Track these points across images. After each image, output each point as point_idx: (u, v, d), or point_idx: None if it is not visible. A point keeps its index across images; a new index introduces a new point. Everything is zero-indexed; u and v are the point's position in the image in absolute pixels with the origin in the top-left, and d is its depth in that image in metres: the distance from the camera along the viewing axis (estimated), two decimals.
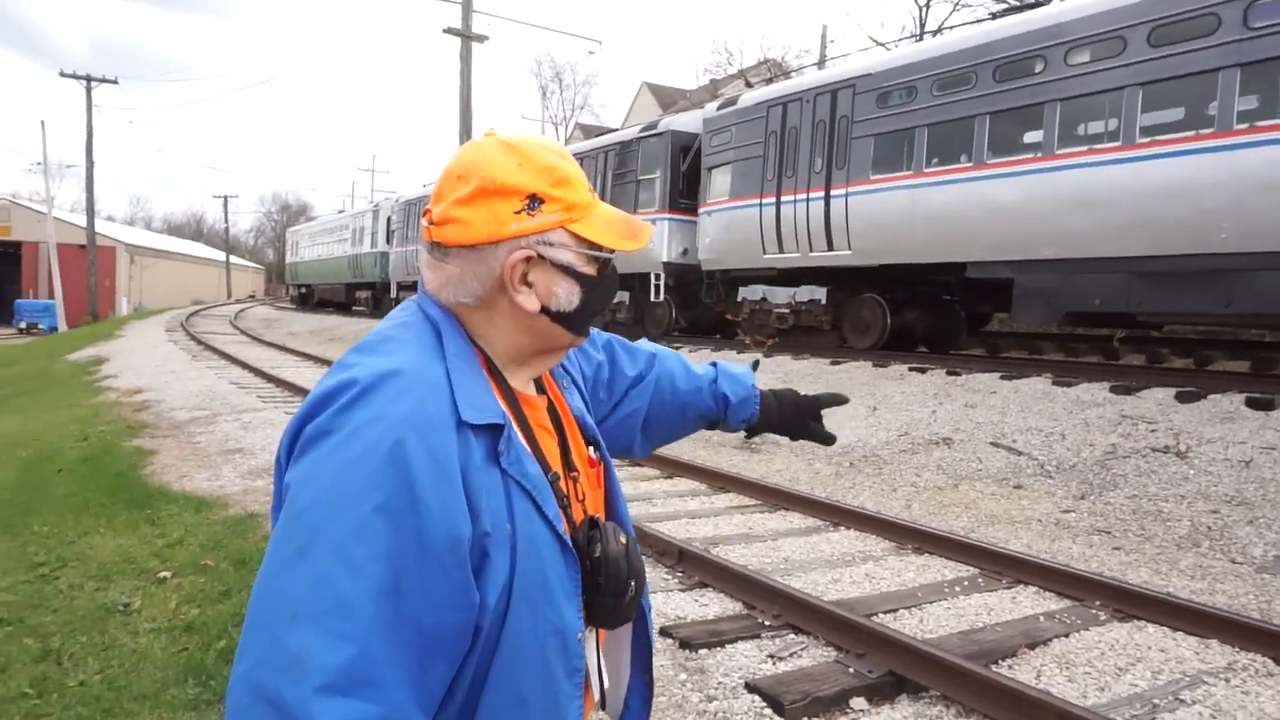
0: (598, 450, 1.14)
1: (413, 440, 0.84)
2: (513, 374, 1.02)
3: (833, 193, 11.30)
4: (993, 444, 7.22)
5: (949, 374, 9.17)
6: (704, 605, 4.01)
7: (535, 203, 0.95)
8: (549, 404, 1.08)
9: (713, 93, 28.74)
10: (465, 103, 19.27)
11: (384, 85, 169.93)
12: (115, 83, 35.50)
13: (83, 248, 38.21)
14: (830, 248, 11.41)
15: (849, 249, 11.12)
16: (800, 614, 3.71)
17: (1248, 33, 7.18)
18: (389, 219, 28.36)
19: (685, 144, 14.41)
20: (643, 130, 15.44)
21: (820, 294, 12.18)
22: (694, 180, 14.17)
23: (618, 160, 15.71)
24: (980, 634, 3.66)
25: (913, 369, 9.63)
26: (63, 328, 35.92)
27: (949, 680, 3.05)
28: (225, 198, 67.41)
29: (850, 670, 3.22)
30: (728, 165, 13.20)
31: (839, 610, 3.62)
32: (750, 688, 3.12)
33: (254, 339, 23.81)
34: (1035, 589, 4.29)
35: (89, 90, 34.71)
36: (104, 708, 3.00)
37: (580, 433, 1.12)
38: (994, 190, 9.28)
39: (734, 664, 3.35)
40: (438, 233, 0.97)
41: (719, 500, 6.23)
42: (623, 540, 1.01)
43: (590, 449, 1.13)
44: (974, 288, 10.74)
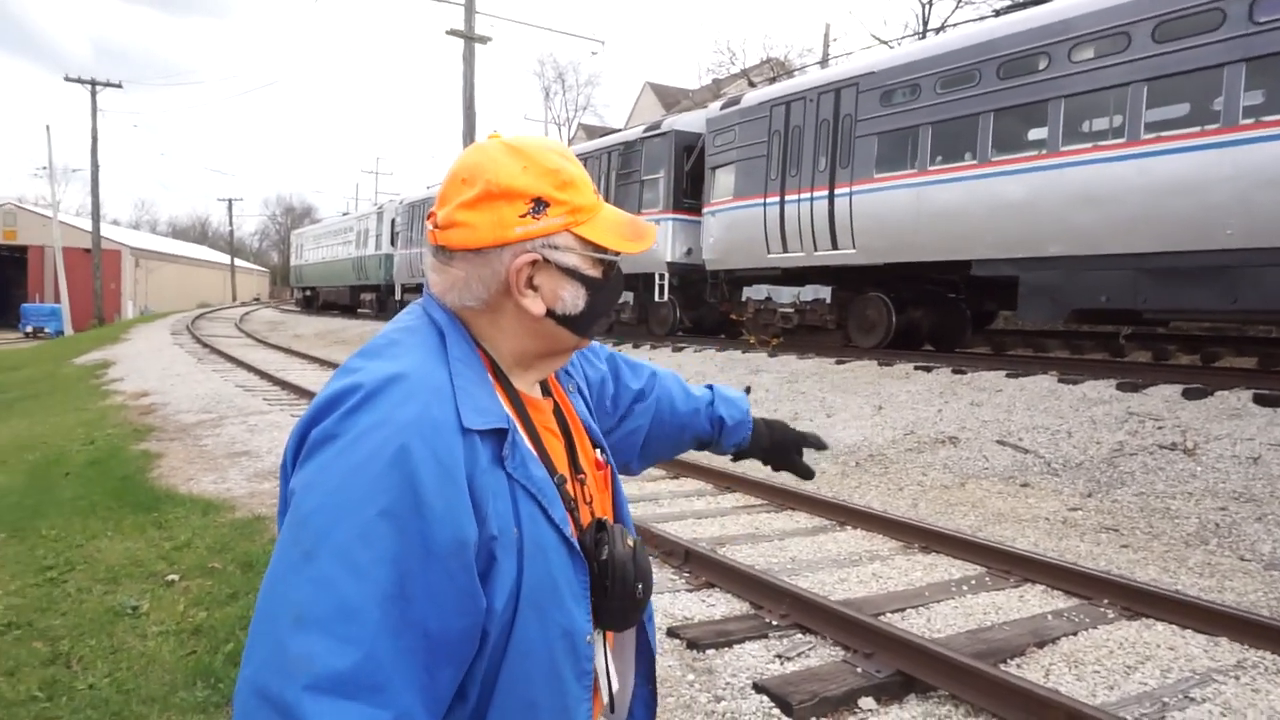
0: (604, 453, 1.14)
1: (417, 445, 0.84)
2: (518, 377, 1.02)
3: (837, 192, 11.29)
4: (999, 442, 7.20)
5: (954, 372, 9.15)
6: (711, 605, 4.01)
7: (540, 206, 0.95)
8: (555, 407, 1.08)
9: (716, 92, 28.73)
10: (468, 104, 19.31)
11: (387, 87, 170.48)
12: (119, 87, 35.68)
13: (88, 251, 38.36)
14: (835, 247, 11.39)
15: (853, 248, 11.11)
16: (808, 614, 3.70)
17: (1253, 27, 7.15)
18: (393, 221, 28.38)
19: (689, 144, 14.41)
20: (646, 130, 15.43)
21: (825, 293, 12.17)
22: (698, 180, 14.15)
23: (621, 161, 15.71)
24: (988, 633, 3.65)
25: (918, 368, 9.61)
26: (69, 331, 36.08)
27: (957, 679, 3.04)
28: (230, 201, 67.91)
29: (858, 670, 3.22)
30: (731, 165, 13.19)
31: (846, 610, 3.61)
32: (758, 688, 3.12)
33: (259, 342, 23.87)
34: (1043, 587, 4.28)
35: (93, 94, 34.86)
36: (113, 710, 3.01)
37: (586, 435, 1.12)
38: (999, 188, 9.25)
39: (742, 664, 3.35)
40: (443, 236, 0.97)
41: (725, 500, 6.22)
42: (630, 542, 1.01)
43: (597, 451, 1.12)
44: (979, 286, 10.72)
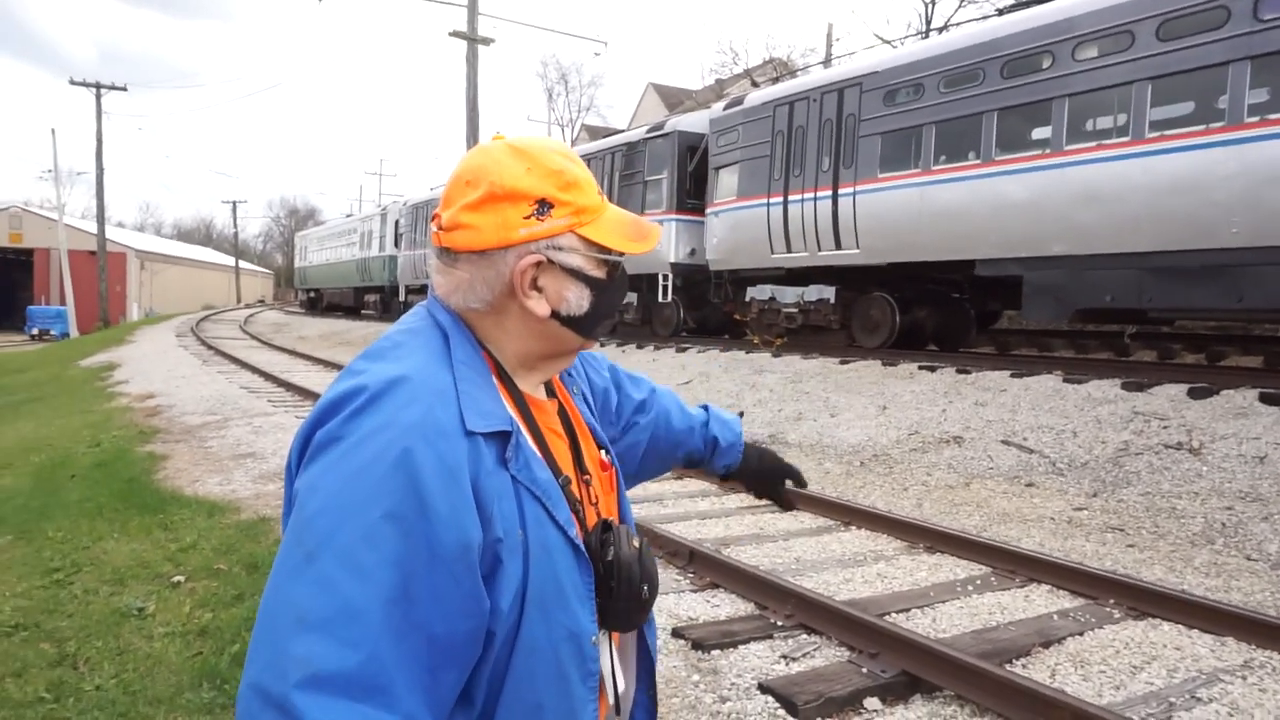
0: (609, 454, 1.14)
1: (421, 447, 0.84)
2: (522, 378, 1.02)
3: (840, 191, 11.27)
4: (1004, 442, 7.19)
5: (959, 372, 9.13)
6: (716, 606, 4.01)
7: (544, 207, 0.95)
8: (559, 408, 1.08)
9: (718, 93, 28.73)
10: (472, 105, 19.34)
11: (391, 89, 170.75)
12: (124, 90, 35.78)
13: (93, 254, 38.48)
14: (838, 247, 11.38)
15: (857, 248, 11.09)
16: (813, 614, 3.70)
17: (1258, 25, 7.12)
18: (397, 222, 28.42)
19: (692, 144, 14.40)
20: (649, 131, 15.43)
21: (829, 293, 12.15)
22: (701, 180, 14.15)
23: (624, 161, 15.71)
24: (994, 633, 3.65)
25: (922, 367, 9.60)
26: (74, 334, 36.19)
27: (963, 680, 3.04)
28: (234, 203, 68.18)
29: (864, 670, 3.21)
30: (735, 165, 13.18)
31: (851, 610, 3.61)
32: (763, 688, 3.11)
33: (264, 343, 23.92)
34: (1048, 587, 4.27)
35: (98, 97, 34.97)
36: (120, 711, 3.02)
37: (591, 436, 1.12)
38: (1003, 187, 9.23)
39: (747, 665, 3.35)
40: (447, 238, 0.97)
41: (729, 500, 6.22)
42: (636, 543, 1.01)
43: (602, 453, 1.13)
44: (983, 285, 10.69)
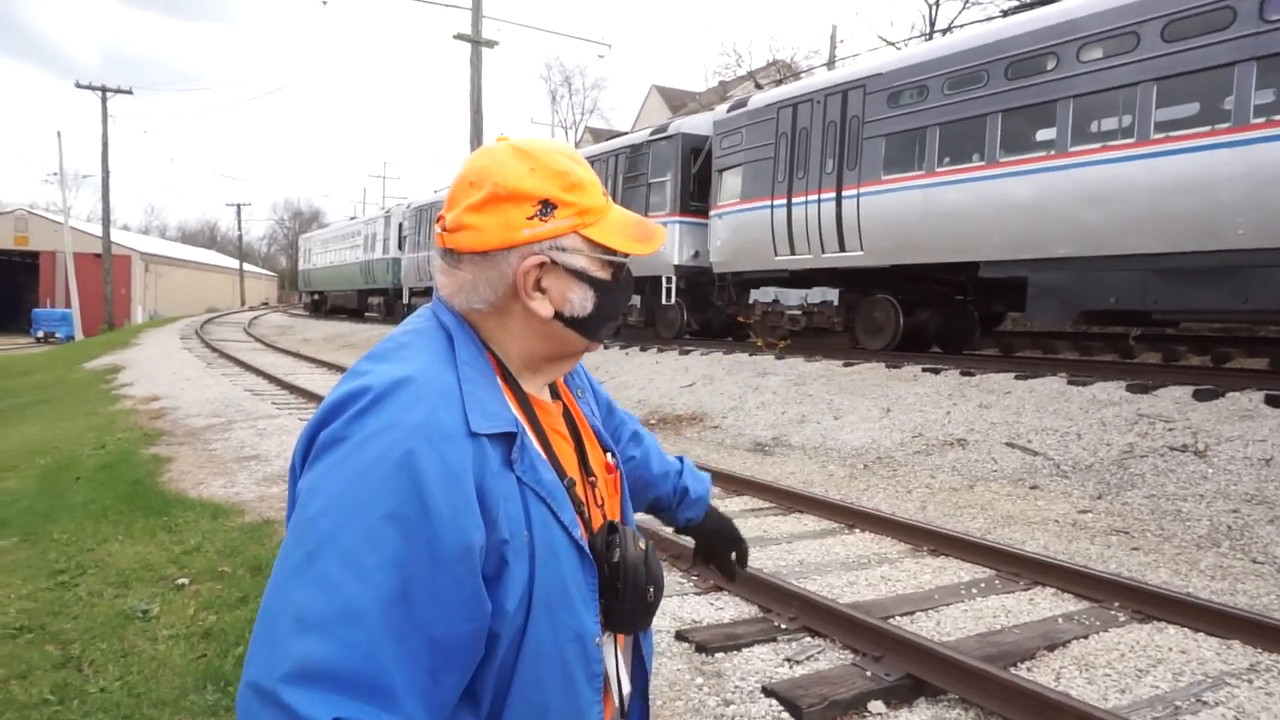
0: (614, 457, 1.14)
1: (425, 448, 0.84)
2: (527, 380, 1.02)
3: (844, 193, 11.27)
4: (1008, 444, 7.17)
5: (963, 374, 9.11)
6: (720, 609, 4.00)
7: (548, 208, 0.95)
8: (564, 410, 1.08)
9: (722, 95, 28.73)
10: (476, 107, 19.37)
11: (395, 91, 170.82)
12: (130, 93, 35.89)
13: (98, 257, 38.60)
14: (842, 249, 11.37)
15: (861, 250, 11.08)
16: (817, 617, 3.69)
17: (1264, 26, 7.10)
18: (401, 225, 28.46)
19: (695, 146, 14.41)
20: (653, 133, 15.44)
21: (832, 295, 12.13)
22: (705, 183, 14.15)
23: (628, 164, 15.72)
24: (998, 636, 3.64)
25: (926, 370, 9.58)
26: (79, 336, 36.30)
27: (968, 683, 3.03)
28: (238, 205, 68.19)
29: (868, 673, 3.20)
30: (738, 167, 13.18)
31: (855, 613, 3.60)
32: (768, 691, 3.11)
33: (268, 346, 23.97)
34: (1053, 590, 4.25)
35: (104, 101, 35.05)
36: (124, 714, 3.02)
37: (596, 439, 1.12)
38: (1007, 188, 9.22)
39: (751, 668, 3.34)
40: (451, 239, 0.97)
41: (733, 503, 6.21)
42: (642, 545, 1.01)
43: (607, 455, 1.13)
44: (987, 287, 10.67)
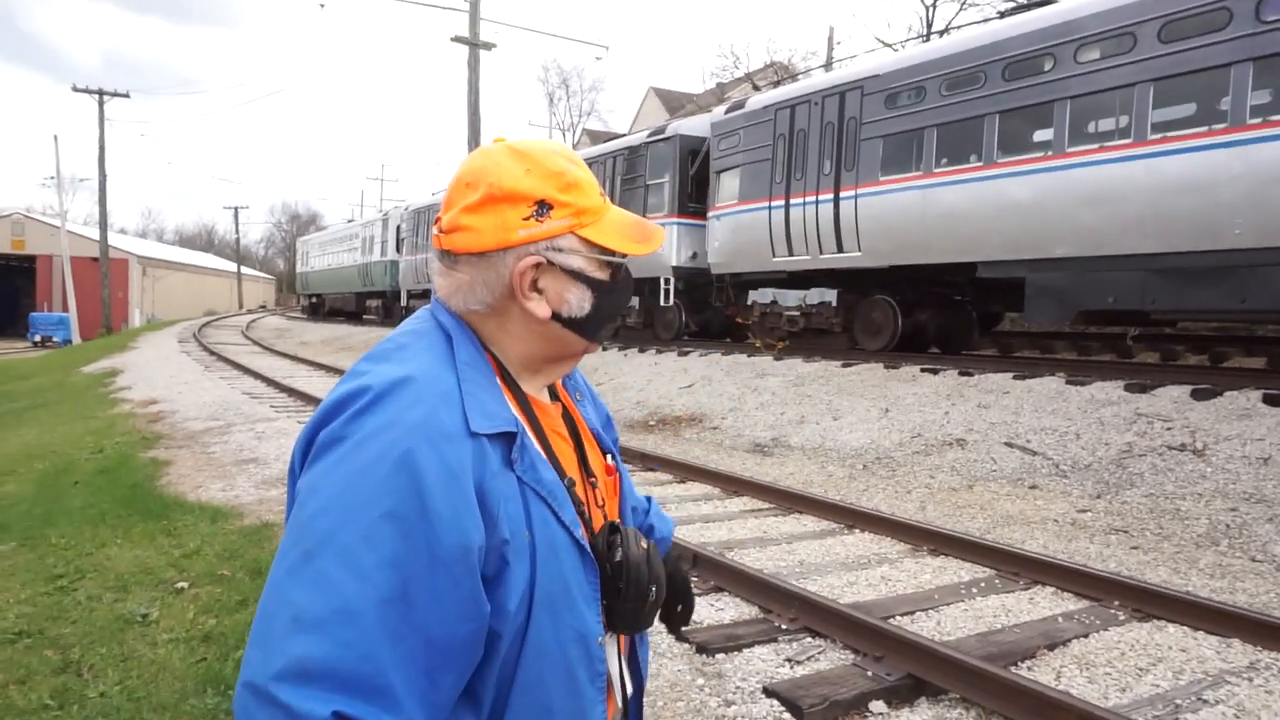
0: (614, 459, 1.14)
1: (424, 448, 0.83)
2: (526, 381, 1.02)
3: (842, 194, 11.28)
4: (1007, 444, 7.18)
5: (961, 374, 9.12)
6: (720, 609, 4.00)
7: (544, 209, 0.95)
8: (564, 412, 1.08)
9: (720, 96, 28.74)
10: (473, 110, 19.38)
11: (392, 94, 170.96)
12: (127, 96, 35.85)
13: (96, 260, 38.58)
14: (840, 250, 11.38)
15: (859, 250, 11.09)
16: (817, 617, 3.69)
17: (1261, 27, 7.11)
18: (398, 227, 28.45)
19: (693, 148, 14.42)
20: (650, 135, 15.45)
21: (831, 296, 12.14)
22: (702, 184, 14.16)
23: (626, 165, 15.72)
24: (998, 635, 3.64)
25: (925, 370, 9.59)
26: (77, 340, 36.26)
27: (968, 682, 3.03)
28: (236, 209, 68.32)
29: (869, 673, 3.20)
30: (736, 169, 13.18)
31: (856, 613, 3.60)
32: (768, 692, 3.10)
33: (266, 349, 23.95)
34: (1053, 589, 4.26)
35: (101, 104, 35.04)
36: (124, 718, 3.02)
37: (595, 441, 1.12)
38: (1005, 189, 9.23)
39: (751, 668, 3.34)
40: (447, 240, 0.97)
41: (733, 504, 6.21)
42: (644, 545, 1.00)
43: (607, 457, 1.13)
44: (985, 287, 10.68)
